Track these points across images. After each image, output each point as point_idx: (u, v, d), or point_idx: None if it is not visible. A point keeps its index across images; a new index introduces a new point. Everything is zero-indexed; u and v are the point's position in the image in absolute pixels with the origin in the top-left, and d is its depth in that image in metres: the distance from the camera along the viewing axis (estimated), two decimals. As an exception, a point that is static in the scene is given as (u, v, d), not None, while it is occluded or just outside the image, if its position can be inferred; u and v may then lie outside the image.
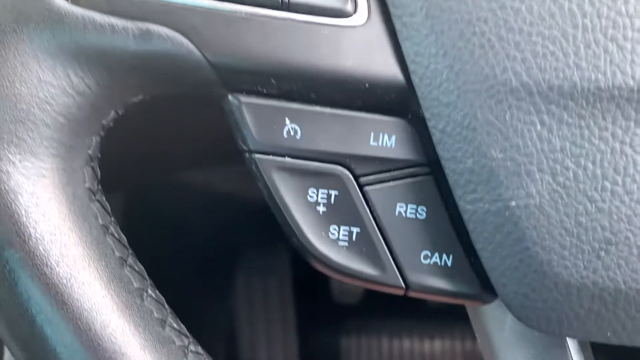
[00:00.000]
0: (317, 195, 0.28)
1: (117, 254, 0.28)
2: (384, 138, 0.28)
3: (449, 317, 0.82)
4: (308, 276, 0.85)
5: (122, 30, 0.26)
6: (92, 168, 0.28)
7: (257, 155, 0.28)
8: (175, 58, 0.26)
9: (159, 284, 0.30)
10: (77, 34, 0.26)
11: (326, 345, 0.89)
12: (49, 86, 0.26)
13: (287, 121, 0.27)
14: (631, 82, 0.24)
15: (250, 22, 0.26)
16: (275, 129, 0.27)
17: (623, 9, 0.24)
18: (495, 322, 0.32)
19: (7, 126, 0.25)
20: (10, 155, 0.26)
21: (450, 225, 0.28)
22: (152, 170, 0.53)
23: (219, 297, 0.85)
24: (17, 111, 0.25)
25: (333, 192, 0.28)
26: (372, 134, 0.28)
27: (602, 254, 0.25)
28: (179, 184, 0.67)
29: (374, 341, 0.89)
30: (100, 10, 0.25)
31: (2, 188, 0.26)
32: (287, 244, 0.29)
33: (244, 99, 0.27)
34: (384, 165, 0.28)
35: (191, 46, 0.26)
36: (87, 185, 0.28)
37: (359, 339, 0.90)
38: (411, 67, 0.26)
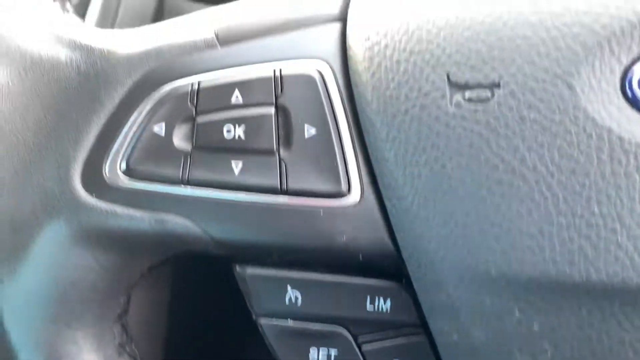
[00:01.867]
0: (317, 354, 0.30)
1: None
2: (380, 302, 0.30)
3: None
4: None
5: (140, 220, 0.29)
6: (122, 324, 0.32)
7: (262, 320, 0.30)
8: (186, 238, 0.29)
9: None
10: (101, 223, 0.29)
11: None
12: (78, 267, 0.29)
13: (289, 288, 0.30)
14: (605, 279, 0.25)
15: (252, 208, 0.29)
16: (278, 297, 0.30)
17: (596, 209, 0.25)
18: None
19: (50, 306, 0.29)
20: (48, 330, 0.29)
21: None
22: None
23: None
24: (55, 292, 0.29)
25: (333, 351, 0.30)
26: (369, 298, 0.30)
27: None
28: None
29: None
30: (121, 203, 0.29)
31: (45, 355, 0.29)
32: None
33: (249, 270, 0.30)
34: (380, 327, 0.30)
35: (199, 230, 0.29)
36: (116, 341, 0.31)
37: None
38: (401, 243, 0.28)
